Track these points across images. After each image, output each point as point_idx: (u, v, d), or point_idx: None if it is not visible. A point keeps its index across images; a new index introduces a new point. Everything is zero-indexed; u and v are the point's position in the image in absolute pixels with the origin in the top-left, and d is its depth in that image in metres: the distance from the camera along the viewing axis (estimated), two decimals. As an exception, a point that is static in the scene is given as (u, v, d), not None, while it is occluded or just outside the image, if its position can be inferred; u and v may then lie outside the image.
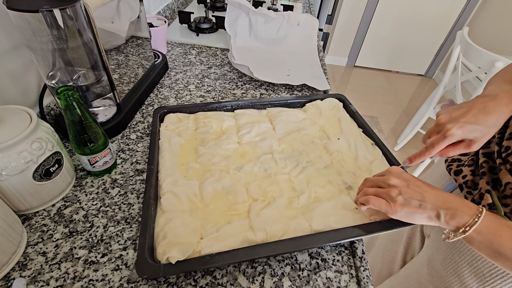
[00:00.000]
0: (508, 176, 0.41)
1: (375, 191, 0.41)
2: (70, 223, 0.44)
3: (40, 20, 0.44)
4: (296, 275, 0.41)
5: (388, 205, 0.39)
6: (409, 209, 0.38)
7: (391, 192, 0.39)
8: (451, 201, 0.37)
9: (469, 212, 0.36)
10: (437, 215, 0.37)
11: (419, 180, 0.40)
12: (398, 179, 0.40)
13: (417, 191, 0.38)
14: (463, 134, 0.39)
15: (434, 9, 2.50)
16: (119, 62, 0.61)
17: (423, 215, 0.37)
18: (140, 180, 0.52)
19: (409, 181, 0.40)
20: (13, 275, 0.38)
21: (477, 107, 0.40)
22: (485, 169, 0.46)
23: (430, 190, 0.39)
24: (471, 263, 0.48)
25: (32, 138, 0.40)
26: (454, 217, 0.36)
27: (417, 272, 0.59)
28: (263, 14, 0.92)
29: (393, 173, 0.42)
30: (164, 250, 0.37)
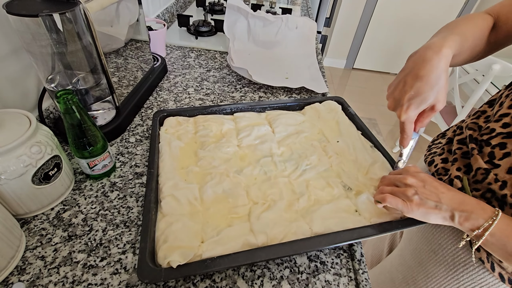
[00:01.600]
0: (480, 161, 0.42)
1: (392, 190, 0.41)
2: (69, 227, 0.44)
3: (39, 24, 0.45)
4: (295, 278, 0.41)
5: (405, 204, 0.39)
6: (425, 209, 0.38)
7: (408, 191, 0.39)
8: (467, 203, 0.38)
9: (484, 215, 0.36)
10: (452, 216, 0.37)
11: (436, 180, 0.40)
12: (415, 179, 0.40)
13: (433, 192, 0.38)
14: (416, 111, 0.40)
15: (432, 11, 2.52)
16: (118, 65, 0.61)
17: (438, 215, 0.38)
18: (139, 184, 0.52)
19: (425, 181, 0.40)
20: (11, 280, 0.38)
21: (410, 75, 0.39)
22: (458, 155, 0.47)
23: (447, 191, 0.39)
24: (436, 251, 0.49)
25: (31, 142, 0.40)
26: (469, 219, 0.37)
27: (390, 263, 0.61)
28: (261, 18, 0.92)
29: (410, 173, 0.42)
30: (165, 254, 0.37)
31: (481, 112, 0.48)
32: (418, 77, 0.38)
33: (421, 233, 0.54)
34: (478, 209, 0.37)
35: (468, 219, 0.37)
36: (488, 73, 1.29)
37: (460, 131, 0.49)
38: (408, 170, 0.43)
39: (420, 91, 0.38)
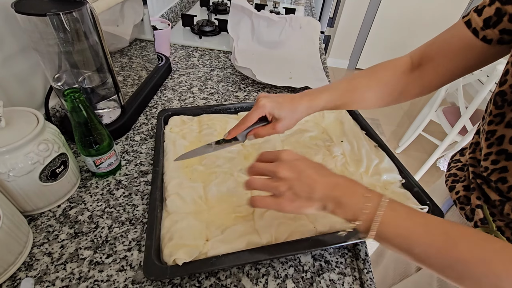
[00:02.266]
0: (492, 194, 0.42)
1: (262, 185, 0.36)
2: (75, 224, 0.45)
3: (47, 24, 0.45)
4: (300, 277, 0.41)
5: (276, 203, 0.35)
6: (297, 204, 0.34)
7: (280, 187, 0.34)
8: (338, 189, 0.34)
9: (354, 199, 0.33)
10: (324, 206, 0.34)
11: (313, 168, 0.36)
12: (289, 171, 0.35)
13: (307, 183, 0.34)
14: (270, 108, 0.44)
15: (436, 11, 2.51)
16: (123, 64, 0.62)
17: (312, 208, 0.34)
18: (144, 182, 0.52)
19: (301, 171, 0.35)
20: (19, 275, 0.38)
21: (288, 95, 0.46)
22: (475, 185, 0.46)
23: (321, 178, 0.35)
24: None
25: (39, 140, 0.41)
26: (339, 206, 0.33)
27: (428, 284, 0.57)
28: (265, 17, 0.92)
29: (284, 162, 0.36)
30: (170, 251, 0.37)
31: (475, 144, 0.48)
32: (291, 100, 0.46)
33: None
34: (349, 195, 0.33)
35: (340, 207, 0.33)
36: (493, 73, 1.28)
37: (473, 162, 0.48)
38: (282, 158, 0.37)
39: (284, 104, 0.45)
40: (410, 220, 0.32)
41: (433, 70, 0.45)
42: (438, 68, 0.45)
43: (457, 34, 0.42)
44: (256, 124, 0.45)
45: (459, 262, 0.29)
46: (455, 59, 0.43)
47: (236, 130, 0.45)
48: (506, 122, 0.38)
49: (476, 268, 0.28)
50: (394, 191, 0.50)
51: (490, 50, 0.40)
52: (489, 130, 0.40)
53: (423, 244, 0.30)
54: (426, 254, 0.30)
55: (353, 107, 0.51)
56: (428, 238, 0.30)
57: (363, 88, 0.48)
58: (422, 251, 0.30)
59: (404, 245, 0.31)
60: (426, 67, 0.46)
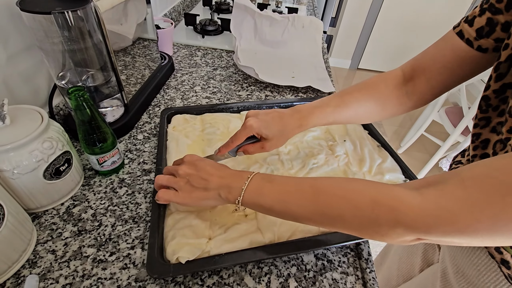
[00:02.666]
0: None
1: (167, 180, 0.41)
2: (79, 222, 0.45)
3: (52, 22, 0.45)
4: (302, 276, 0.41)
5: (176, 195, 0.39)
6: (195, 194, 0.38)
7: (180, 181, 0.39)
8: (228, 177, 0.38)
9: (240, 182, 0.37)
10: (219, 194, 0.37)
11: (211, 165, 0.40)
12: (188, 168, 0.40)
13: (203, 177, 0.38)
14: (257, 128, 0.44)
15: (438, 11, 2.50)
16: (126, 63, 0.62)
17: (209, 198, 0.38)
18: (147, 180, 0.52)
19: (198, 167, 0.40)
20: (23, 273, 0.38)
21: (278, 112, 0.47)
22: None
23: (215, 172, 0.39)
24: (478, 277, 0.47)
25: (44, 138, 0.41)
26: (230, 191, 0.37)
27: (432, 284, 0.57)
28: (268, 17, 0.92)
29: (186, 162, 0.41)
30: (173, 250, 0.37)
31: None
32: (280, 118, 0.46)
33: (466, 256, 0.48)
34: (236, 179, 0.37)
35: (230, 192, 0.37)
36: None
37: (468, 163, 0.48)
38: (184, 160, 0.42)
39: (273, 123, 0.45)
40: (285, 185, 0.36)
41: (426, 82, 0.45)
42: (431, 80, 0.44)
43: (450, 45, 0.41)
44: (247, 140, 0.47)
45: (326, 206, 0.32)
46: (449, 70, 0.42)
47: (225, 148, 0.46)
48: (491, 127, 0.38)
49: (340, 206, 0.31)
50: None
51: (485, 57, 0.39)
52: (475, 133, 0.40)
53: (296, 199, 0.34)
54: (300, 208, 0.33)
55: (345, 123, 0.51)
56: (300, 193, 0.34)
57: (355, 104, 0.48)
58: (298, 206, 0.34)
59: (283, 207, 0.34)
60: (418, 80, 0.46)
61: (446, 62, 0.42)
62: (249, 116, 0.46)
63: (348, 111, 0.48)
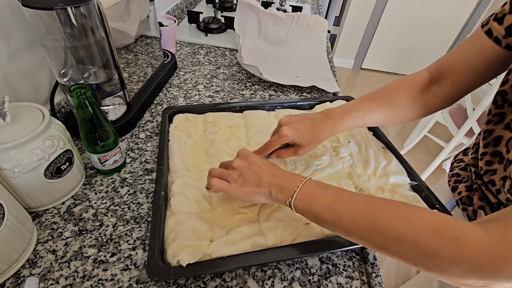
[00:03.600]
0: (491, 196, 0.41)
1: (220, 173, 0.41)
2: (80, 222, 0.44)
3: (54, 18, 0.44)
4: (307, 280, 0.40)
5: (229, 186, 0.39)
6: (247, 189, 0.39)
7: (233, 174, 0.40)
8: (280, 176, 0.39)
9: (293, 184, 0.37)
10: (270, 192, 0.38)
11: (262, 161, 0.41)
12: (241, 161, 0.41)
13: (256, 172, 0.39)
14: (292, 137, 0.45)
15: (443, 11, 2.48)
16: (129, 61, 0.61)
17: (260, 194, 0.39)
18: (149, 180, 0.52)
19: (251, 162, 0.40)
20: (23, 273, 0.38)
21: (310, 120, 0.47)
22: (477, 186, 0.45)
23: (268, 169, 0.40)
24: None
25: (45, 136, 0.40)
26: (281, 191, 0.37)
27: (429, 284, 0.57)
28: (272, 15, 0.91)
29: (239, 156, 0.43)
30: (174, 252, 0.37)
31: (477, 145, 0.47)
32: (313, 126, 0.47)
33: None
34: (289, 180, 0.38)
35: (281, 192, 0.37)
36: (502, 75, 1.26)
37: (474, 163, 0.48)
38: (238, 154, 0.43)
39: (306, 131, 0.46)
40: (339, 194, 0.35)
41: (452, 84, 0.45)
42: (456, 82, 0.45)
43: (478, 44, 0.41)
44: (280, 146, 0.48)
45: (381, 224, 0.30)
46: (474, 72, 0.43)
47: (260, 154, 0.47)
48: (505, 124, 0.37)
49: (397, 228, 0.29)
50: (403, 194, 0.49)
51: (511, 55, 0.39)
52: (487, 130, 0.40)
53: (350, 211, 0.33)
54: (352, 218, 0.32)
55: (373, 125, 0.52)
56: (353, 205, 0.33)
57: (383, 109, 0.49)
58: (351, 219, 0.32)
59: (334, 218, 0.33)
60: (444, 82, 0.46)
61: (472, 65, 0.42)
62: (282, 124, 0.47)
63: (375, 116, 0.48)
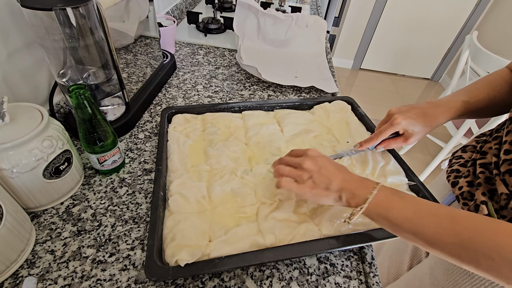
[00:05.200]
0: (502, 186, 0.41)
1: (289, 171, 0.42)
2: (78, 222, 0.44)
3: (53, 18, 0.45)
4: (305, 279, 0.40)
5: (298, 187, 0.40)
6: (316, 191, 0.39)
7: (303, 175, 0.40)
8: (352, 181, 0.39)
9: (365, 190, 0.37)
10: (340, 196, 0.39)
11: (333, 165, 0.42)
12: (312, 164, 0.41)
13: (326, 176, 0.40)
14: (405, 125, 0.47)
15: (441, 12, 2.48)
16: (128, 61, 0.61)
17: (329, 197, 0.39)
18: (148, 180, 0.52)
19: (321, 166, 0.41)
20: (21, 273, 0.38)
21: (420, 108, 0.48)
22: (481, 180, 0.45)
23: (339, 173, 0.40)
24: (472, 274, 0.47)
25: (43, 136, 0.40)
26: (353, 197, 0.38)
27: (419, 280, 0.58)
28: (271, 16, 0.91)
29: (309, 157, 0.43)
30: (173, 252, 0.37)
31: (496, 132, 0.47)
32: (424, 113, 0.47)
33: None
34: (361, 186, 0.38)
35: (353, 197, 0.38)
36: None
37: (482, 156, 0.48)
38: (307, 154, 0.43)
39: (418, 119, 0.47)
40: (418, 205, 0.35)
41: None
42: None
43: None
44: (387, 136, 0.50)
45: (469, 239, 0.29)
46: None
47: (368, 143, 0.49)
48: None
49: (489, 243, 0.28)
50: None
51: None
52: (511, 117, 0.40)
53: (432, 224, 0.32)
54: (436, 234, 0.31)
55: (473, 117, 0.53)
56: (436, 219, 0.32)
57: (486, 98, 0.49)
58: (432, 232, 0.32)
59: (413, 228, 0.33)
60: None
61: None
62: (393, 113, 0.48)
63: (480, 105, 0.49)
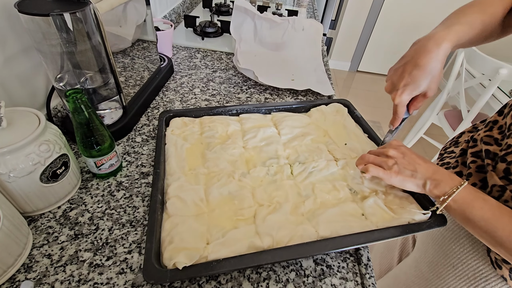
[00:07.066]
0: (495, 178, 0.42)
1: (374, 159, 0.45)
2: (76, 226, 0.44)
3: (50, 24, 0.45)
4: (301, 281, 0.41)
5: (385, 172, 0.43)
6: (402, 177, 0.43)
7: (388, 161, 0.44)
8: (439, 173, 0.41)
9: (451, 184, 0.40)
10: (424, 184, 0.41)
11: (414, 153, 0.44)
12: (396, 151, 0.44)
13: (411, 163, 0.43)
14: (409, 96, 0.45)
15: (437, 14, 2.51)
16: (125, 65, 0.62)
17: (413, 183, 0.42)
18: (145, 183, 0.52)
19: (405, 153, 0.44)
20: (18, 277, 0.38)
21: (410, 63, 0.43)
22: (472, 170, 0.47)
23: (423, 163, 0.43)
24: (456, 266, 0.48)
25: (40, 140, 0.41)
26: (437, 187, 0.40)
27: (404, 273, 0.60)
28: (268, 19, 0.92)
29: (393, 146, 0.46)
30: (170, 255, 0.37)
31: (493, 123, 0.48)
32: (416, 65, 0.43)
33: (437, 245, 0.54)
34: (447, 178, 0.41)
35: (437, 187, 0.40)
36: (495, 77, 1.28)
37: (474, 143, 0.49)
38: (391, 144, 0.47)
39: (415, 79, 0.43)
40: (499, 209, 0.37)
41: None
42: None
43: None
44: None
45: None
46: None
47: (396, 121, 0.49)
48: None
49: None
50: (397, 195, 0.50)
51: None
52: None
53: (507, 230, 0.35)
54: (508, 238, 0.35)
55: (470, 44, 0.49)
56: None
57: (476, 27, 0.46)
58: (505, 235, 0.35)
59: (488, 228, 0.36)
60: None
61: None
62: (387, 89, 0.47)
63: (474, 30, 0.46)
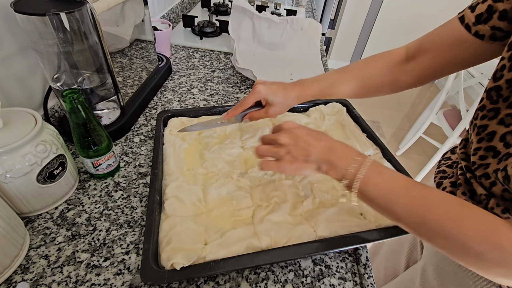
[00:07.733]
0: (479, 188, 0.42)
1: (267, 150, 0.42)
2: (73, 226, 0.44)
3: (47, 23, 0.45)
4: (300, 282, 0.41)
5: (277, 165, 0.40)
6: (295, 165, 0.39)
7: (280, 151, 0.40)
8: (333, 152, 0.38)
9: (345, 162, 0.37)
10: (318, 168, 0.39)
11: (310, 135, 0.41)
12: (288, 137, 0.41)
13: (304, 147, 0.39)
14: (265, 93, 0.49)
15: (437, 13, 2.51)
16: (123, 65, 0.61)
17: (309, 168, 0.39)
18: (143, 184, 0.52)
19: (298, 138, 0.40)
20: (15, 278, 0.38)
21: (282, 83, 0.51)
22: (461, 181, 0.46)
23: (317, 143, 0.39)
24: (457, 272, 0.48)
25: (37, 141, 0.40)
26: (332, 168, 0.37)
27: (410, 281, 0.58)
28: (267, 19, 0.92)
29: (284, 130, 0.42)
30: (168, 255, 0.37)
31: (465, 141, 0.48)
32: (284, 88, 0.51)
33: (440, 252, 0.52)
34: (342, 157, 0.37)
35: (332, 169, 0.37)
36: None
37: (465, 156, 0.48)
38: (282, 127, 0.43)
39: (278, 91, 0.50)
40: (394, 183, 0.35)
41: (427, 62, 0.47)
42: (431, 60, 0.46)
43: (451, 28, 0.43)
44: (252, 108, 0.51)
45: (433, 222, 0.31)
46: (449, 53, 0.44)
47: (233, 112, 0.50)
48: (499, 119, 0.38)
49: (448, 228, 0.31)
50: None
51: (483, 46, 0.40)
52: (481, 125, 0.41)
53: (403, 204, 0.33)
54: (404, 212, 0.33)
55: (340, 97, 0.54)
56: (408, 199, 0.33)
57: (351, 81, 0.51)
58: (401, 210, 0.33)
59: (385, 204, 0.34)
60: (420, 59, 0.47)
61: (447, 44, 0.44)
62: (257, 83, 0.50)
63: (344, 86, 0.51)
